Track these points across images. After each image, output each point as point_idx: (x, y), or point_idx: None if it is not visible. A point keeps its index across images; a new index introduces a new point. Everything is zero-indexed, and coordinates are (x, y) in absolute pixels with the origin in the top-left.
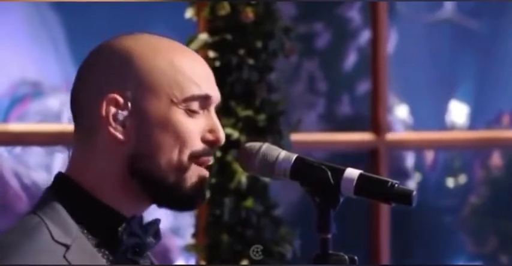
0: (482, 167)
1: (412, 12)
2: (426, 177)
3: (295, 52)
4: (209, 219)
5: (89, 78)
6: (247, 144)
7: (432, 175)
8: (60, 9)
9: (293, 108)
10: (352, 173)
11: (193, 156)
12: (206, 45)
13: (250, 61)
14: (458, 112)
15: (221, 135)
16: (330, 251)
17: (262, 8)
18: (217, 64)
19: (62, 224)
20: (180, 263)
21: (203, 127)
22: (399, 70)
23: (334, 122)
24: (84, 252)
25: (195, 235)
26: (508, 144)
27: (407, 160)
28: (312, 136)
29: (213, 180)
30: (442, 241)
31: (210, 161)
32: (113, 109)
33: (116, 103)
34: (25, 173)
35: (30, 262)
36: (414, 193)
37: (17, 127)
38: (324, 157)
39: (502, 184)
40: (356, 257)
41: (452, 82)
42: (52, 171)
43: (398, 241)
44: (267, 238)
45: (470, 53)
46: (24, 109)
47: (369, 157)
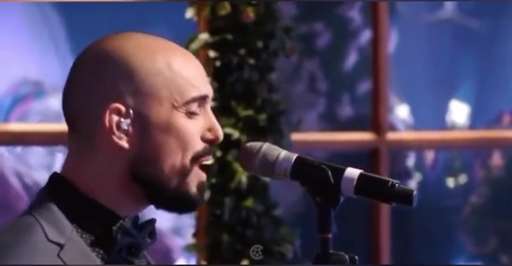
0: (482, 167)
1: (413, 12)
2: (426, 177)
3: (295, 52)
4: (210, 219)
5: (86, 85)
6: (247, 144)
7: (432, 175)
8: (61, 9)
9: (294, 108)
10: (352, 173)
11: (195, 157)
12: (207, 45)
13: (250, 61)
14: (458, 112)
15: (220, 133)
16: (331, 250)
17: (262, 8)
18: (217, 64)
19: (57, 224)
20: (181, 263)
21: (202, 126)
22: (400, 70)
23: (334, 122)
24: (78, 251)
25: (196, 235)
26: (509, 144)
27: (407, 160)
28: (313, 136)
29: (214, 180)
30: (442, 241)
31: (210, 159)
32: (116, 118)
33: (118, 112)
34: (26, 173)
35: (25, 262)
36: (415, 192)
37: (18, 126)
38: (325, 157)
39: (503, 184)
40: (356, 256)
41: (452, 82)
42: (53, 171)
43: (398, 241)
44: (268, 238)
45: (470, 53)
46: (25, 108)
47: (369, 157)
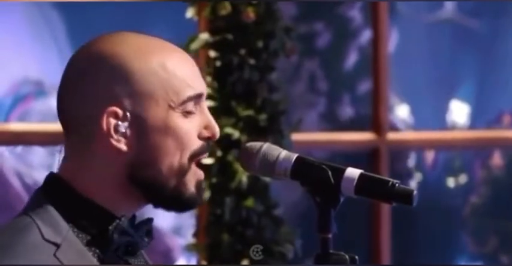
0: (482, 167)
1: (413, 12)
2: (427, 177)
3: (296, 52)
4: (210, 219)
5: (81, 87)
6: (248, 144)
7: (433, 175)
8: (62, 8)
9: (294, 108)
10: (352, 173)
11: (192, 156)
12: (207, 45)
13: (251, 61)
14: (458, 112)
15: (216, 130)
16: (331, 250)
17: (263, 8)
18: (218, 64)
19: (53, 223)
20: (181, 262)
21: (198, 124)
22: (400, 70)
23: (334, 122)
24: (74, 251)
25: (196, 235)
26: (509, 144)
27: (408, 160)
28: (313, 135)
29: (214, 180)
30: (443, 241)
31: (207, 156)
32: (113, 121)
33: (116, 115)
34: (26, 173)
35: (21, 262)
36: (415, 192)
37: (19, 126)
38: (325, 156)
39: (503, 184)
40: (357, 256)
41: (452, 82)
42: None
43: (398, 241)
44: (268, 238)
45: (470, 53)
46: (26, 108)
47: (370, 157)
